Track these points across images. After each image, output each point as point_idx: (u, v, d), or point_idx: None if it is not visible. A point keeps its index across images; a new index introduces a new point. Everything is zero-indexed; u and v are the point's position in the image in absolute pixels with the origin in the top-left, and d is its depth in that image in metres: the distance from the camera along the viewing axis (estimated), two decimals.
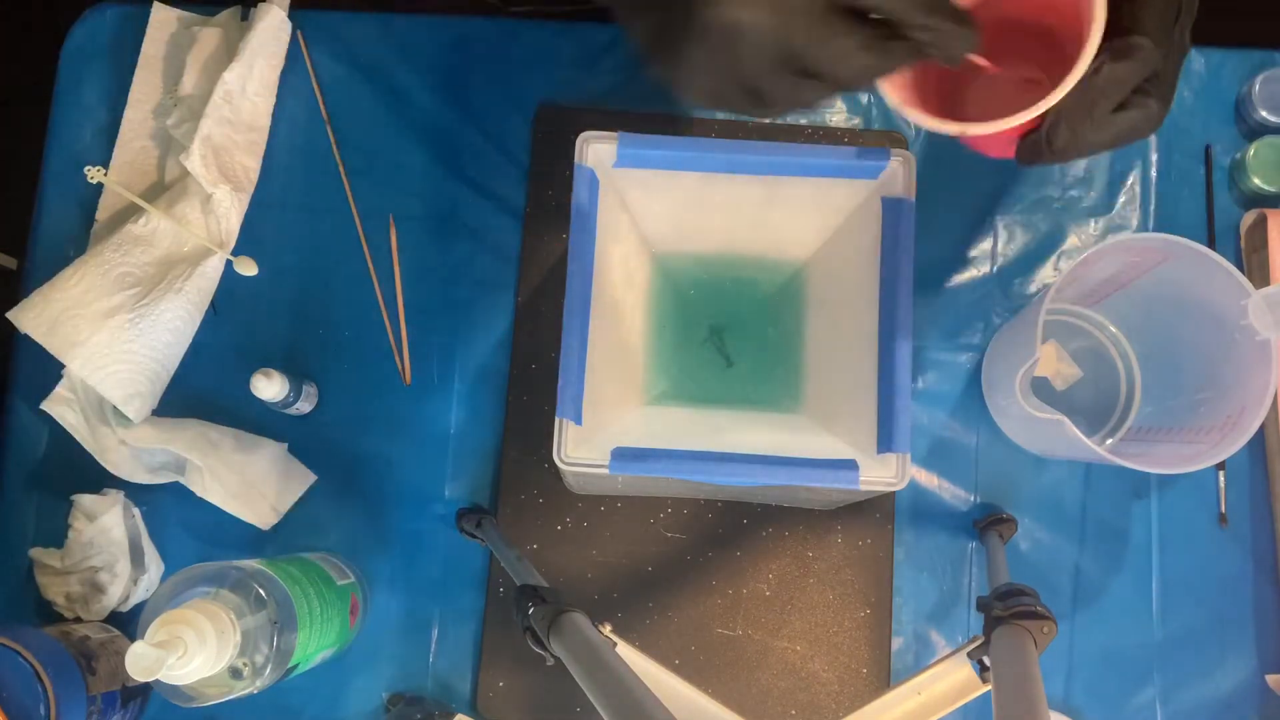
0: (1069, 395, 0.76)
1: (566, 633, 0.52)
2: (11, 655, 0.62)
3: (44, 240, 0.79)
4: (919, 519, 0.75)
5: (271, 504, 0.74)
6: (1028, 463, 0.75)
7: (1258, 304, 0.62)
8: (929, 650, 0.74)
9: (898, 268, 0.62)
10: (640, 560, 0.74)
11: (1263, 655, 0.73)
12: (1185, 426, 0.69)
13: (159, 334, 0.73)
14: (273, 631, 0.59)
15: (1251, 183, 0.77)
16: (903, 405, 0.60)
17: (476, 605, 0.74)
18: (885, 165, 0.63)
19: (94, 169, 0.74)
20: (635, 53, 0.47)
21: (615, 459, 0.59)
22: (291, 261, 0.78)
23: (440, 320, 0.77)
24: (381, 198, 0.79)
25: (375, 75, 0.80)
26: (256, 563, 0.63)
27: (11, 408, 0.77)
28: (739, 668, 0.73)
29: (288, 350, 0.77)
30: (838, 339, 0.67)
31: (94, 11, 0.82)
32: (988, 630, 0.56)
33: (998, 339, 0.75)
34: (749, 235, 0.69)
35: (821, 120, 0.79)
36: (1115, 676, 0.73)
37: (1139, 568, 0.74)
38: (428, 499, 0.75)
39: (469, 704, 0.73)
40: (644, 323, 0.70)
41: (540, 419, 0.75)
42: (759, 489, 0.67)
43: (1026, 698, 0.48)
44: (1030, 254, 0.78)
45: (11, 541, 0.75)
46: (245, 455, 0.73)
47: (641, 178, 0.65)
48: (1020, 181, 0.79)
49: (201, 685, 0.57)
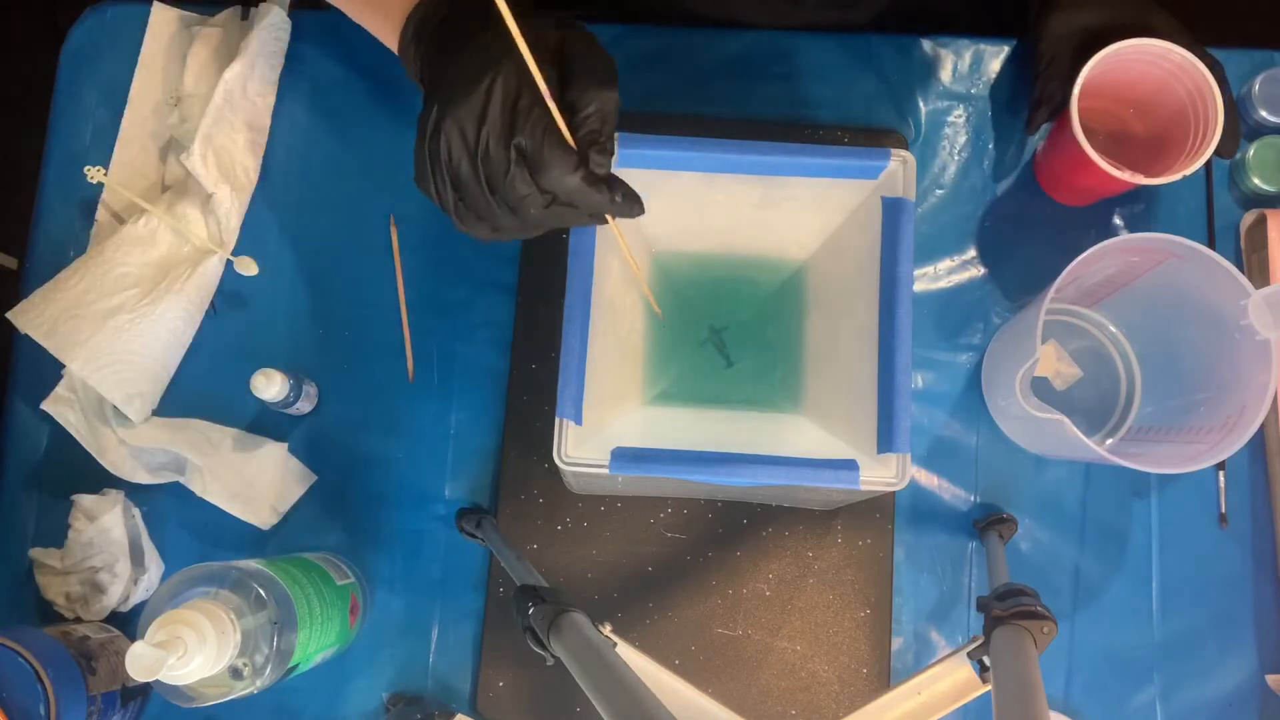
0: (1069, 395, 0.76)
1: (566, 633, 0.52)
2: (11, 655, 0.62)
3: (44, 240, 0.79)
4: (919, 519, 0.75)
5: (271, 504, 0.74)
6: (1028, 463, 0.75)
7: (1258, 304, 0.62)
8: (929, 650, 0.74)
9: (897, 268, 0.62)
10: (640, 560, 0.74)
11: (1263, 655, 0.73)
12: (1185, 426, 0.69)
13: (159, 334, 0.73)
14: (273, 631, 0.59)
15: (1251, 183, 0.77)
16: (903, 405, 0.60)
17: (476, 605, 0.74)
18: (885, 165, 0.63)
19: (94, 169, 0.74)
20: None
21: (615, 459, 0.59)
22: (291, 261, 0.78)
23: (440, 320, 0.77)
24: (381, 198, 0.79)
25: (375, 75, 0.80)
26: (256, 563, 0.63)
27: (11, 408, 0.77)
28: (739, 668, 0.73)
29: (288, 350, 0.77)
30: (838, 339, 0.67)
31: (94, 11, 0.82)
32: (988, 630, 0.56)
33: (998, 339, 0.75)
34: (749, 235, 0.69)
35: (821, 120, 0.80)
36: (1115, 676, 0.73)
37: (1139, 568, 0.74)
38: (428, 499, 0.75)
39: (469, 704, 0.73)
40: (644, 323, 0.70)
41: (540, 419, 0.75)
42: (759, 489, 0.67)
43: (1026, 698, 0.48)
44: (1031, 254, 0.78)
45: (11, 541, 0.75)
46: (245, 455, 0.73)
47: (641, 178, 0.64)
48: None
49: (201, 685, 0.57)
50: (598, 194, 0.52)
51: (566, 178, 0.51)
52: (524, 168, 0.51)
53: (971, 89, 0.80)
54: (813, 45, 0.81)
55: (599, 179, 0.52)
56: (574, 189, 0.52)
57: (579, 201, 0.52)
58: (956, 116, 0.80)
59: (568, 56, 0.53)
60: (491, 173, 0.52)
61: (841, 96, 0.80)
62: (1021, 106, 0.80)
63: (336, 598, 0.67)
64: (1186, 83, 0.69)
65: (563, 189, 0.52)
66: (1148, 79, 0.70)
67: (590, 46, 0.54)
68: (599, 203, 0.52)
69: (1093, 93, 0.69)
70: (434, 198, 0.55)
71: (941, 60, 0.81)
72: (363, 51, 0.81)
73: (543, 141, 0.50)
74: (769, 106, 0.80)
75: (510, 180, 0.51)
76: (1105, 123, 0.75)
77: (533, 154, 0.51)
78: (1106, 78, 0.69)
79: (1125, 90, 0.72)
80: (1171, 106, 0.71)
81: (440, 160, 0.53)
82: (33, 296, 0.73)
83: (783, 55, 0.80)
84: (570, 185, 0.51)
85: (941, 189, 0.79)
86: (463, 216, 0.55)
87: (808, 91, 0.80)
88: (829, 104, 0.80)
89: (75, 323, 0.72)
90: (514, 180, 0.51)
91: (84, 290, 0.72)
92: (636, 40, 0.81)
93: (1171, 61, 0.68)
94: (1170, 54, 0.68)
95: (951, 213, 0.78)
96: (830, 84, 0.80)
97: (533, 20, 0.54)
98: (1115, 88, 0.71)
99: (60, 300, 0.72)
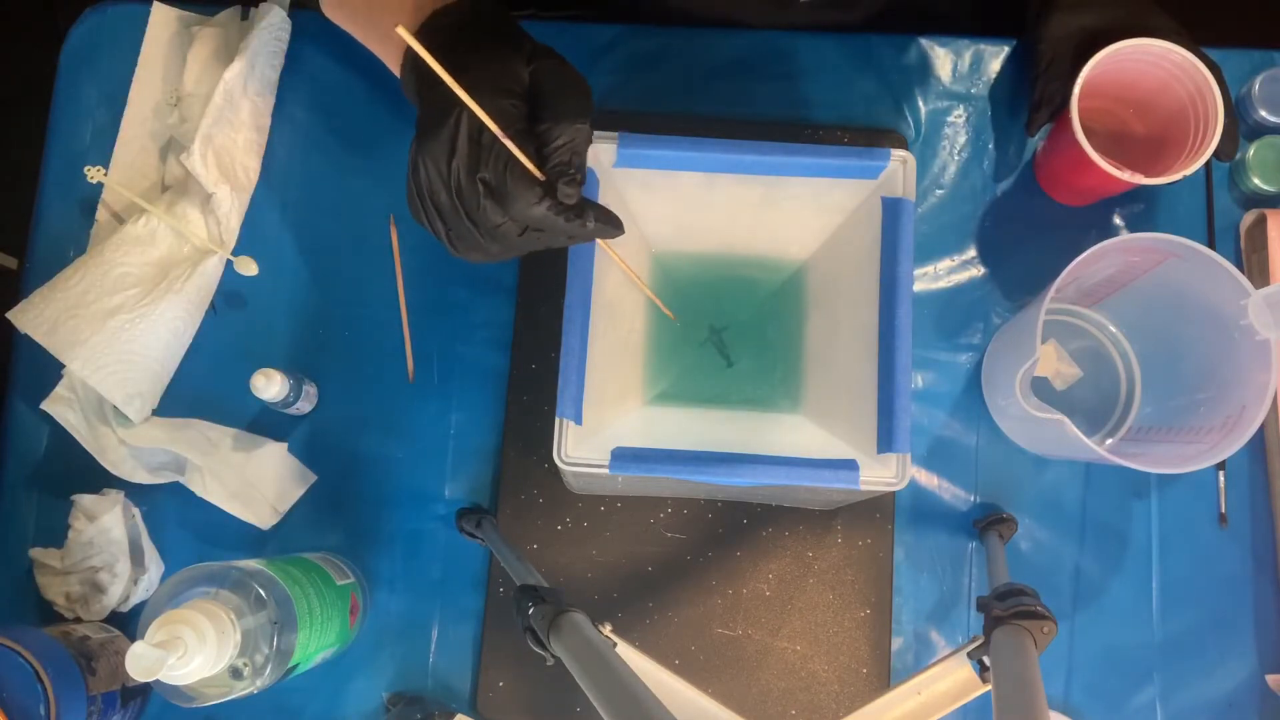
0: (1069, 395, 0.76)
1: (566, 633, 0.52)
2: (11, 655, 0.62)
3: (44, 240, 0.79)
4: (919, 519, 0.75)
5: (271, 504, 0.74)
6: (1028, 463, 0.75)
7: (1258, 304, 0.62)
8: (929, 650, 0.74)
9: (897, 268, 0.62)
10: (640, 560, 0.74)
11: (1263, 655, 0.73)
12: (1185, 426, 0.69)
13: (159, 334, 0.73)
14: (273, 631, 0.59)
15: (1251, 183, 0.77)
16: (903, 405, 0.60)
17: (476, 605, 0.74)
18: (885, 165, 0.63)
19: (94, 169, 0.74)
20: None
21: (615, 459, 0.59)
22: (291, 261, 0.78)
23: (440, 320, 0.77)
24: (381, 198, 0.79)
25: (375, 75, 0.80)
26: (256, 563, 0.63)
27: (11, 408, 0.77)
28: (739, 668, 0.73)
29: (288, 350, 0.77)
30: (838, 339, 0.67)
31: (94, 11, 0.82)
32: (988, 630, 0.56)
33: (998, 339, 0.75)
34: (749, 235, 0.69)
35: (821, 120, 0.80)
36: (1115, 676, 0.73)
37: (1139, 568, 0.74)
38: (428, 499, 0.75)
39: (469, 704, 0.73)
40: (644, 323, 0.70)
41: (540, 419, 0.75)
42: (759, 489, 0.67)
43: (1026, 698, 0.48)
44: (1031, 254, 0.78)
45: (11, 541, 0.75)
46: (245, 455, 0.73)
47: (641, 178, 0.65)
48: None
49: (201, 685, 0.57)
50: (566, 222, 0.54)
51: (532, 209, 0.53)
52: (493, 199, 0.53)
53: (971, 89, 0.80)
54: (812, 45, 0.81)
55: (567, 208, 0.53)
56: (541, 219, 0.53)
57: (549, 229, 0.54)
58: (956, 116, 0.80)
59: (539, 87, 0.55)
60: (466, 204, 0.53)
61: (841, 96, 0.80)
62: (1021, 107, 0.80)
63: (336, 598, 0.67)
64: (1186, 83, 0.69)
65: (530, 219, 0.54)
66: (1148, 79, 0.70)
67: (562, 75, 0.56)
68: (570, 229, 0.54)
69: (1093, 93, 0.69)
70: (426, 227, 0.56)
71: (941, 60, 0.81)
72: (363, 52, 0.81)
73: (505, 175, 0.52)
74: (769, 106, 0.80)
75: (483, 212, 0.53)
76: (1105, 123, 0.75)
77: (497, 187, 0.53)
78: (1106, 78, 0.69)
79: (1125, 90, 0.72)
80: (1171, 107, 0.71)
81: (424, 191, 0.54)
82: (32, 296, 0.73)
83: (782, 55, 0.81)
84: (536, 215, 0.53)
85: (941, 189, 0.79)
86: (454, 243, 0.56)
87: (808, 91, 0.80)
88: (829, 104, 0.80)
89: (75, 322, 0.72)
90: (486, 211, 0.53)
91: (84, 290, 0.72)
92: (636, 40, 0.81)
93: (1172, 62, 0.68)
94: (1170, 54, 0.68)
95: (951, 213, 0.78)
96: (830, 84, 0.80)
97: (509, 42, 0.56)
98: (1115, 88, 0.71)
99: (60, 300, 0.72)
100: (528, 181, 0.52)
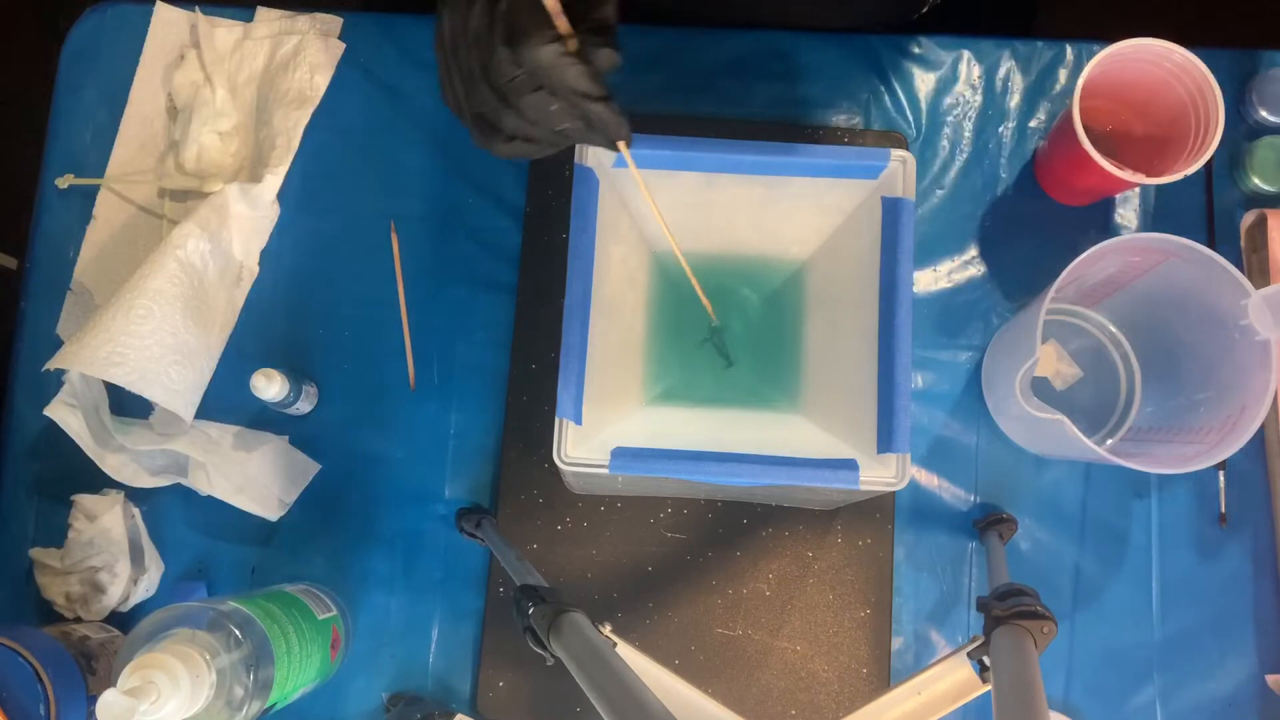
0: (1069, 395, 0.76)
1: (566, 633, 0.52)
2: (11, 655, 0.62)
3: (44, 240, 0.79)
4: (919, 519, 0.75)
5: (277, 495, 0.73)
6: (1028, 463, 0.75)
7: (1258, 304, 0.62)
8: (929, 650, 0.74)
9: (897, 267, 0.62)
10: (640, 560, 0.74)
11: (1263, 655, 0.73)
12: (1185, 426, 0.69)
13: (191, 344, 0.72)
14: (248, 672, 0.58)
15: (1251, 183, 0.77)
16: (903, 405, 0.60)
17: (476, 605, 0.74)
18: (885, 165, 0.63)
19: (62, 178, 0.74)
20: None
21: (615, 459, 0.59)
22: (291, 261, 0.78)
23: (440, 320, 0.77)
24: (382, 198, 0.79)
25: (375, 75, 0.80)
26: (234, 601, 0.61)
27: (12, 408, 0.77)
28: (739, 668, 0.73)
29: (288, 350, 0.77)
30: (837, 339, 0.67)
31: (94, 11, 0.82)
32: (988, 630, 0.56)
33: (998, 339, 0.75)
34: (749, 235, 0.69)
35: (821, 120, 0.80)
36: (1115, 676, 0.73)
37: (1139, 568, 0.74)
38: (428, 499, 0.75)
39: (469, 704, 0.73)
40: (644, 323, 0.70)
41: (540, 419, 0.75)
42: (759, 489, 0.67)
43: (1026, 698, 0.48)
44: (1031, 254, 0.78)
45: (11, 541, 0.75)
46: (247, 451, 0.72)
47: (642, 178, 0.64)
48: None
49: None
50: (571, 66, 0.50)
51: (541, 49, 0.50)
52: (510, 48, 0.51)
53: (972, 89, 0.80)
54: (813, 45, 0.81)
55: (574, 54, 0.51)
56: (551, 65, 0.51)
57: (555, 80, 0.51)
58: (956, 116, 0.80)
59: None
60: (482, 50, 0.52)
61: (841, 96, 0.80)
62: (1022, 106, 0.80)
63: (316, 633, 0.66)
64: (1187, 82, 0.69)
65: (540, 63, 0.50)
66: (1148, 79, 0.70)
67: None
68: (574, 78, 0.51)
69: (1093, 93, 0.69)
70: (450, 104, 0.55)
71: (941, 60, 0.81)
72: (363, 53, 0.81)
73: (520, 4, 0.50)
74: (769, 106, 0.80)
75: (498, 61, 0.51)
76: (1105, 123, 0.75)
77: (510, 18, 0.50)
78: (1106, 78, 0.69)
79: (1125, 90, 0.72)
80: (1172, 106, 0.71)
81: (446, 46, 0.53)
82: (69, 342, 0.69)
83: (783, 55, 0.81)
84: (546, 58, 0.50)
85: (941, 189, 0.79)
86: (477, 123, 0.54)
87: (808, 91, 0.80)
88: (829, 104, 0.80)
89: (112, 346, 0.68)
90: (501, 61, 0.51)
91: (113, 316, 0.70)
92: (636, 40, 0.81)
93: (1172, 61, 0.69)
94: (1171, 54, 0.68)
95: (951, 213, 0.78)
96: (830, 84, 0.80)
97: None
98: (1115, 88, 0.71)
99: (98, 331, 0.69)
100: (541, 17, 0.50)
